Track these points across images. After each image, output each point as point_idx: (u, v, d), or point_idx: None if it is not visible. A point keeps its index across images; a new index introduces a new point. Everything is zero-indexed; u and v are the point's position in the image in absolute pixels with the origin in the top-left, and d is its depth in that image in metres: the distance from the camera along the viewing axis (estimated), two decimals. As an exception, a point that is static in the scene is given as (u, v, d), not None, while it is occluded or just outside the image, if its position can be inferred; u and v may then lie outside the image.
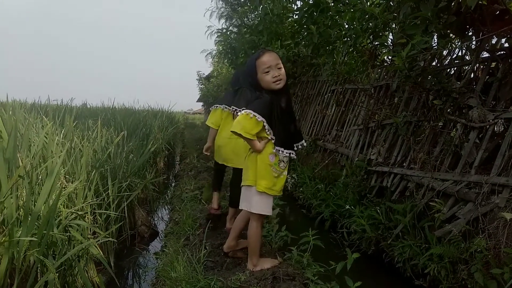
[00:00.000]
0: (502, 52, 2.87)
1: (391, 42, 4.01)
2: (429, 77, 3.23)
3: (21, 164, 2.11)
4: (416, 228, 2.78)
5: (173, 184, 6.05)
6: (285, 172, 2.13)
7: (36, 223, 1.96)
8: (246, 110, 2.01)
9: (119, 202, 3.14)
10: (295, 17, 6.67)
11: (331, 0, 5.01)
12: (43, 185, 2.10)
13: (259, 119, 1.97)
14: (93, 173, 2.84)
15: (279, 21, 6.66)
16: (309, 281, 2.11)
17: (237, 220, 2.35)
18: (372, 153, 4.01)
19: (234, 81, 3.04)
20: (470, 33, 3.06)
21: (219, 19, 10.48)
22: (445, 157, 3.00)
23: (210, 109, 3.10)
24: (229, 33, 9.21)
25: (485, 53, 3.01)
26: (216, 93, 17.42)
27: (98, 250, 2.27)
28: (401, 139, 3.59)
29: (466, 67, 3.24)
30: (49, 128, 3.09)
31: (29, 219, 1.89)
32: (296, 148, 2.18)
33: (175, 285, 2.09)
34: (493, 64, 2.97)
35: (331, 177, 4.49)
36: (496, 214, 2.28)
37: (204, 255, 2.36)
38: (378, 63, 4.30)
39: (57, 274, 1.95)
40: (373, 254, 3.03)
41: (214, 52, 14.44)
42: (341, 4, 4.94)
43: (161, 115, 10.31)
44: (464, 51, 3.35)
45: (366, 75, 4.52)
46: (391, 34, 4.04)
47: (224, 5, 10.24)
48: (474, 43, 3.07)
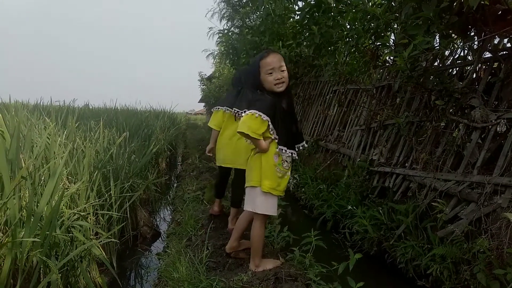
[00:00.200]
0: (504, 52, 2.86)
1: (393, 43, 4.00)
2: (431, 77, 3.22)
3: (23, 165, 2.11)
4: (419, 229, 2.77)
5: (175, 185, 6.05)
6: (288, 173, 2.14)
7: (38, 224, 1.97)
8: (250, 110, 2.01)
9: (121, 203, 3.15)
10: (296, 17, 6.67)
11: (333, 1, 5.01)
12: (45, 186, 2.10)
13: (264, 118, 1.98)
14: (96, 174, 2.85)
15: (281, 21, 6.66)
16: (311, 281, 2.11)
17: (239, 221, 2.36)
18: (374, 153, 4.01)
19: (235, 81, 3.04)
20: (472, 33, 3.05)
21: (220, 20, 10.50)
22: (448, 157, 2.99)
23: (212, 110, 3.10)
24: (230, 34, 9.22)
25: (487, 53, 3.00)
26: (218, 93, 17.44)
27: (100, 250, 2.28)
28: (403, 139, 3.58)
29: (468, 67, 3.23)
30: (51, 129, 3.10)
31: (32, 220, 1.89)
32: (297, 149, 2.19)
33: (177, 286, 2.10)
34: (495, 64, 2.97)
35: (333, 177, 4.49)
36: (499, 214, 2.27)
37: (206, 256, 2.37)
38: (380, 63, 4.29)
39: (59, 275, 1.95)
40: (375, 255, 3.03)
41: (215, 52, 14.47)
42: (342, 5, 4.94)
43: (163, 115, 10.33)
44: (466, 51, 3.35)
45: (368, 75, 4.51)
46: (393, 34, 4.04)
47: (226, 6, 10.26)
48: (476, 43, 3.06)
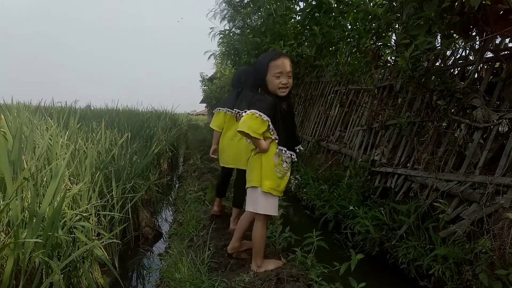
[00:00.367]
0: (506, 52, 2.86)
1: (394, 43, 4.00)
2: (433, 77, 3.22)
3: (26, 166, 2.12)
4: (420, 229, 2.77)
5: (176, 186, 6.06)
6: (288, 173, 2.14)
7: (41, 225, 1.97)
8: (251, 110, 2.01)
9: (123, 204, 3.16)
10: (298, 18, 6.67)
11: (334, 1, 5.01)
12: (48, 187, 2.11)
13: (264, 118, 1.98)
14: (97, 174, 2.86)
15: (282, 21, 6.66)
16: (313, 282, 2.11)
17: (240, 221, 2.36)
18: (375, 153, 4.00)
19: (235, 82, 3.04)
20: (474, 33, 3.05)
21: (221, 21, 10.51)
22: (449, 157, 2.99)
23: (213, 111, 3.11)
24: (232, 34, 9.23)
25: (489, 53, 3.00)
26: (219, 94, 17.45)
27: (102, 251, 2.29)
28: (405, 139, 3.58)
29: (470, 67, 3.23)
30: (53, 130, 3.11)
31: (34, 220, 1.90)
32: (297, 150, 2.20)
33: (179, 286, 2.10)
34: (497, 64, 2.96)
35: (334, 178, 4.48)
36: (501, 214, 2.26)
37: (208, 256, 2.37)
38: (381, 63, 4.28)
39: (62, 276, 1.96)
40: (377, 255, 3.03)
41: (217, 53, 14.48)
42: (344, 5, 4.93)
43: (165, 116, 10.35)
44: (467, 51, 3.34)
45: (369, 75, 4.50)
46: (394, 34, 4.04)
47: (227, 7, 10.27)
48: (477, 43, 3.06)
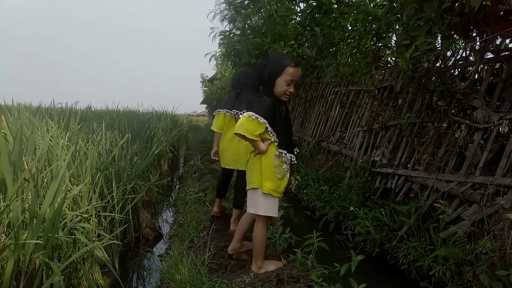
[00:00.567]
0: (506, 53, 2.86)
1: (394, 44, 4.00)
2: (433, 78, 3.22)
3: (26, 167, 2.12)
4: (421, 230, 2.77)
5: (177, 186, 6.06)
6: (287, 175, 2.15)
7: (41, 226, 1.97)
8: (248, 112, 2.02)
9: (124, 205, 3.16)
10: (298, 19, 6.67)
11: (335, 2, 5.00)
12: (48, 188, 2.11)
13: (261, 120, 1.99)
14: (98, 175, 2.86)
15: (283, 22, 6.67)
16: (314, 283, 2.11)
17: (241, 222, 2.36)
18: (376, 154, 4.00)
19: (235, 82, 3.04)
20: (474, 34, 3.05)
21: (222, 21, 10.50)
22: (450, 158, 2.98)
23: (213, 113, 3.12)
24: (232, 35, 9.23)
25: (489, 53, 2.99)
26: (219, 95, 17.45)
27: (103, 252, 2.29)
28: (405, 140, 3.58)
29: (470, 68, 3.22)
30: (54, 131, 3.12)
31: (34, 222, 1.90)
32: (296, 152, 2.21)
33: (179, 287, 2.10)
34: (498, 65, 2.96)
35: (335, 178, 4.48)
36: (502, 215, 2.26)
37: (209, 257, 2.37)
38: (381, 64, 4.28)
39: (62, 277, 1.96)
40: (377, 256, 3.02)
41: (217, 54, 14.47)
42: (344, 6, 4.93)
43: (165, 117, 10.36)
44: (468, 52, 3.34)
45: (369, 76, 4.50)
46: (394, 35, 4.03)
47: (228, 7, 10.26)
48: (478, 44, 3.05)
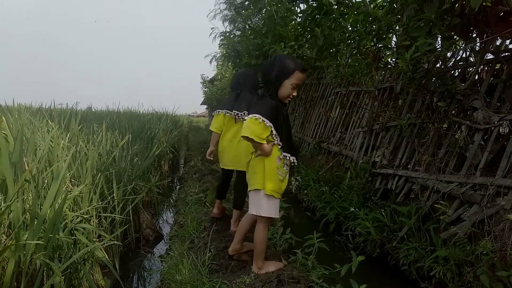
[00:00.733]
0: (506, 54, 2.86)
1: (394, 44, 4.00)
2: (433, 79, 3.22)
3: (27, 168, 2.13)
4: (421, 231, 2.76)
5: (177, 187, 6.06)
6: (287, 176, 2.16)
7: (42, 227, 1.97)
8: (254, 114, 2.00)
9: (124, 205, 3.16)
10: (298, 20, 6.68)
11: (335, 2, 5.01)
12: (49, 188, 2.12)
13: (267, 124, 1.99)
14: (98, 176, 2.86)
15: (283, 23, 6.67)
16: (314, 284, 2.11)
17: (241, 223, 2.36)
18: (376, 155, 4.00)
19: (234, 83, 3.05)
20: (474, 35, 3.05)
21: (223, 22, 10.50)
22: (450, 159, 2.98)
23: (212, 114, 3.12)
24: (232, 36, 9.23)
25: (489, 54, 3.00)
26: (220, 96, 17.46)
27: (103, 253, 2.29)
28: (406, 141, 3.58)
29: (471, 69, 3.23)
30: (54, 132, 3.12)
31: (35, 222, 1.91)
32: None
33: (180, 288, 2.10)
34: (498, 66, 2.96)
35: (335, 179, 4.48)
36: (502, 216, 2.26)
37: (209, 258, 2.37)
38: (382, 65, 4.29)
39: (63, 277, 1.96)
40: (378, 257, 3.02)
41: (218, 55, 14.47)
42: (344, 7, 4.94)
43: (166, 118, 10.35)
44: (468, 52, 3.34)
45: (370, 77, 4.51)
46: (394, 36, 4.04)
47: (228, 8, 10.27)
48: (478, 44, 3.06)
